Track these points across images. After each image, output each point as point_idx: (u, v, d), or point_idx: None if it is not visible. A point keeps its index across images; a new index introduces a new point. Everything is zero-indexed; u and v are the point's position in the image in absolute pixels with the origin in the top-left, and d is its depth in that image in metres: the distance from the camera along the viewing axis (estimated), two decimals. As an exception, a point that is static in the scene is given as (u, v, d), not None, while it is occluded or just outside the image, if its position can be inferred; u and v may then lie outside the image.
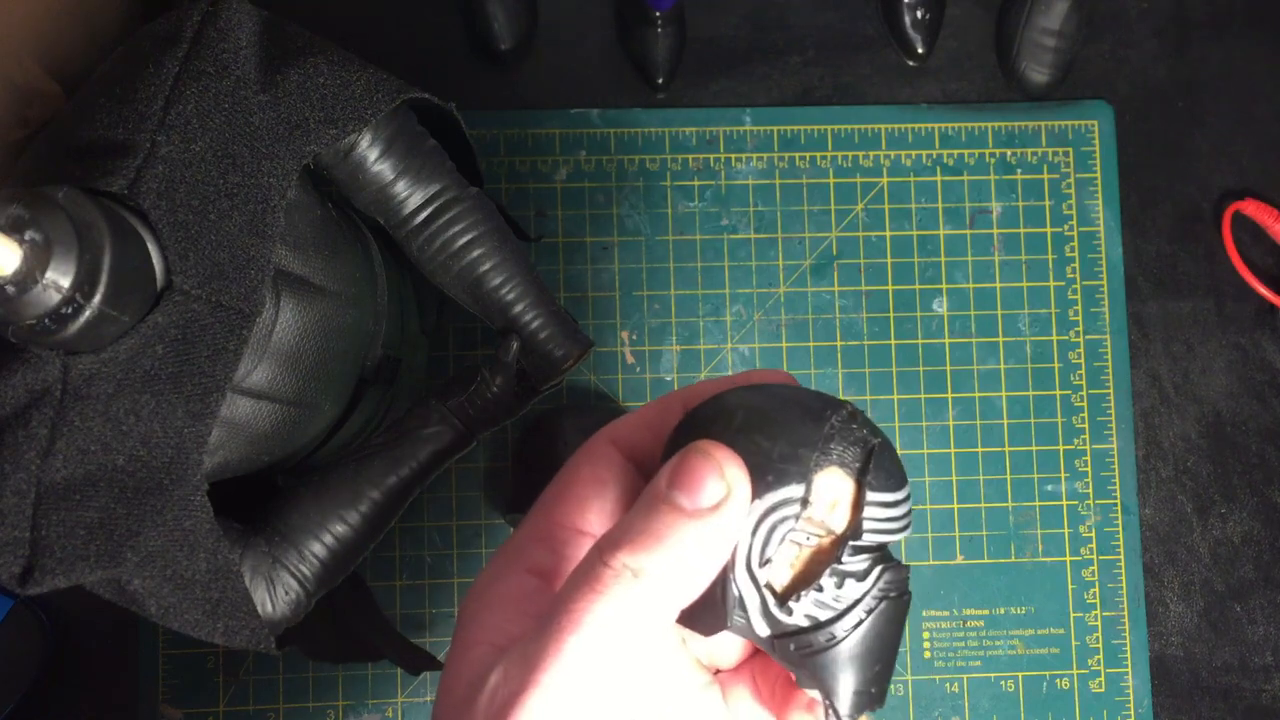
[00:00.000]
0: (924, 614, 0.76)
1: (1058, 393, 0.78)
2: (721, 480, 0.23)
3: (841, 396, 0.76)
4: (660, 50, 0.77)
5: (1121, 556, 0.77)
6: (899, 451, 0.76)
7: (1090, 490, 0.77)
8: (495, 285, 0.57)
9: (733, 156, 0.78)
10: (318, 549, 0.53)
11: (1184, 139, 0.80)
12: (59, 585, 0.42)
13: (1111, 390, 0.78)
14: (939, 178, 0.79)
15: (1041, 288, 0.78)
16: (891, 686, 0.75)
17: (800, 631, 0.24)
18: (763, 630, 0.24)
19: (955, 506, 0.77)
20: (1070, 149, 0.80)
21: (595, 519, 0.26)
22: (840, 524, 0.24)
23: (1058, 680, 0.76)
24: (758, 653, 0.28)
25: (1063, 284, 0.78)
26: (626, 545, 0.22)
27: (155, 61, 0.46)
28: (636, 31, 0.77)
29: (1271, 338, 0.79)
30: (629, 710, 0.23)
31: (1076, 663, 0.76)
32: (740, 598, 0.24)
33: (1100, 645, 0.76)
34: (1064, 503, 0.77)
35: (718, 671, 0.28)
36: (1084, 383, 0.78)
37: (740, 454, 0.23)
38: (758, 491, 0.23)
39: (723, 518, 0.23)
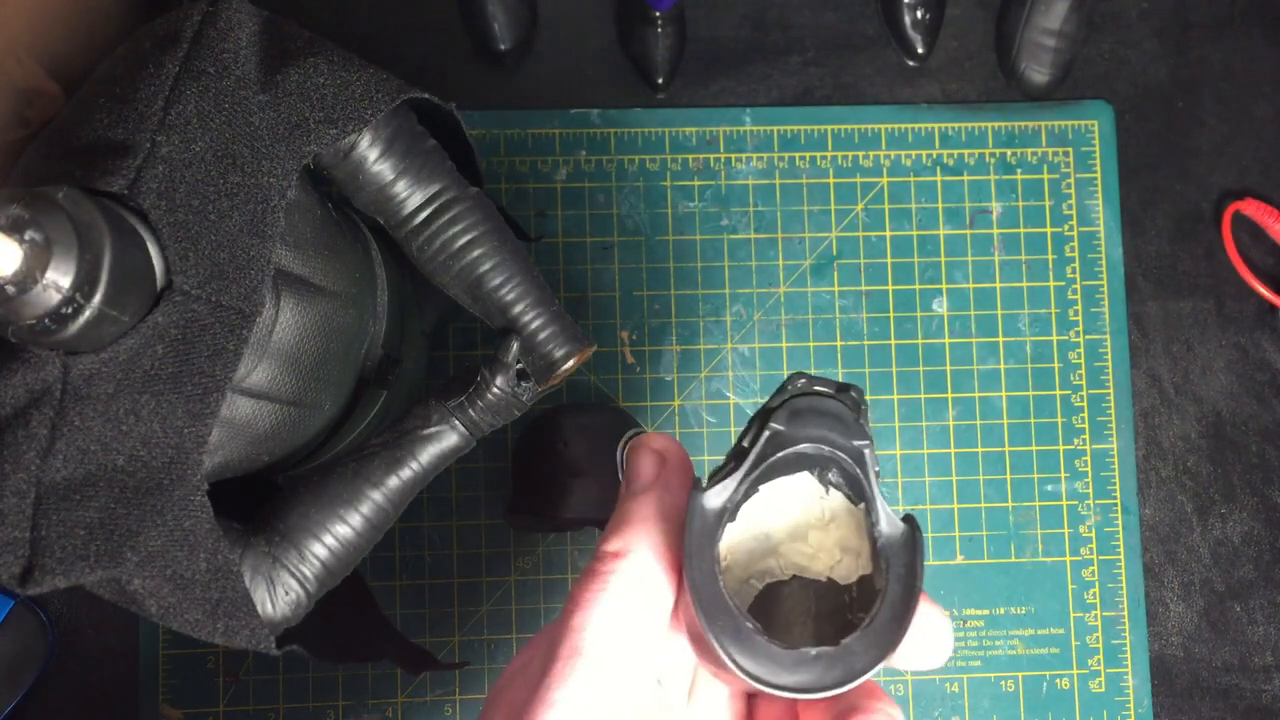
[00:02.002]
0: (924, 614, 0.76)
1: (1058, 393, 0.78)
2: (653, 454, 0.28)
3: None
4: (660, 50, 0.77)
5: (1121, 556, 0.77)
6: (898, 452, 0.76)
7: (1090, 490, 0.77)
8: (495, 285, 0.57)
9: (733, 156, 0.78)
10: (318, 549, 0.53)
11: (1184, 139, 0.80)
12: (59, 585, 0.42)
13: (1111, 390, 0.78)
14: (939, 178, 0.79)
15: (1041, 288, 0.78)
16: (891, 686, 0.75)
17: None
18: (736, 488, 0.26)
19: (955, 506, 0.77)
20: (1070, 149, 0.80)
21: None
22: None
23: (1058, 680, 0.76)
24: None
25: (1063, 284, 0.79)
26: (607, 539, 0.27)
27: (155, 61, 0.46)
28: (636, 31, 0.77)
29: (1271, 338, 0.79)
30: (642, 677, 0.26)
31: (1076, 663, 0.76)
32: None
33: (1100, 645, 0.76)
34: (1064, 503, 0.77)
35: None
36: (1084, 383, 0.78)
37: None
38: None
39: (666, 478, 0.28)
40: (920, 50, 0.79)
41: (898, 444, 0.77)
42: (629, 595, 0.26)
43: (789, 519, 0.28)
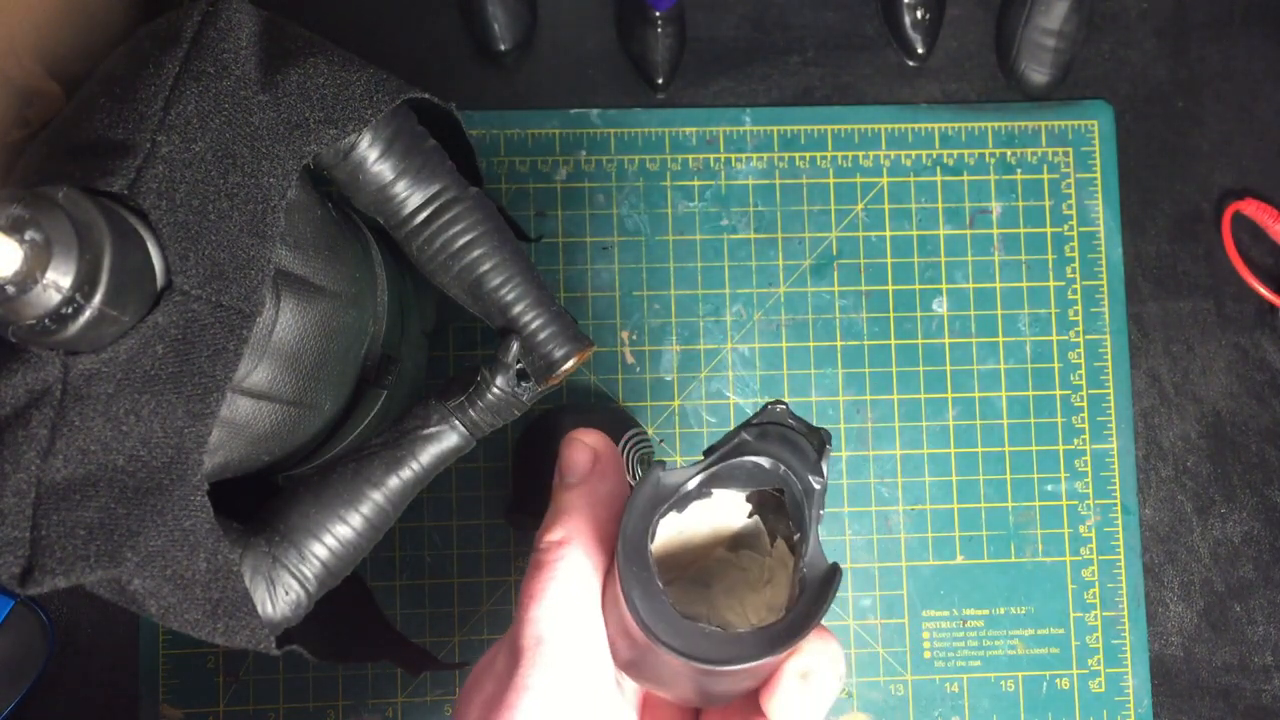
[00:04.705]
0: (924, 614, 0.76)
1: (1058, 393, 0.78)
2: (588, 447, 0.31)
3: (841, 396, 0.77)
4: (660, 50, 0.77)
5: (1121, 556, 0.77)
6: (899, 452, 0.76)
7: (1090, 490, 0.77)
8: (495, 285, 0.57)
9: (733, 156, 0.78)
10: (318, 549, 0.53)
11: (1184, 139, 0.81)
12: (59, 585, 0.42)
13: (1111, 390, 0.78)
14: (939, 178, 0.79)
15: (1041, 288, 0.78)
16: (891, 686, 0.75)
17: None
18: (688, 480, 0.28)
19: (955, 506, 0.77)
20: (1070, 149, 0.80)
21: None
22: None
23: (1058, 680, 0.76)
24: None
25: (1063, 284, 0.79)
26: (548, 529, 0.29)
27: (155, 61, 0.46)
28: (636, 31, 0.77)
29: (1271, 338, 0.79)
30: (600, 656, 0.28)
31: (1076, 663, 0.76)
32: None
33: (1100, 645, 0.76)
34: (1064, 503, 0.77)
35: None
36: (1084, 383, 0.78)
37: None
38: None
39: (600, 469, 0.30)
40: (920, 50, 0.79)
41: (898, 444, 0.77)
42: (577, 581, 0.28)
43: (731, 577, 0.30)
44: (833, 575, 0.27)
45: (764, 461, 0.28)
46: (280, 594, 0.52)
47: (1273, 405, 0.79)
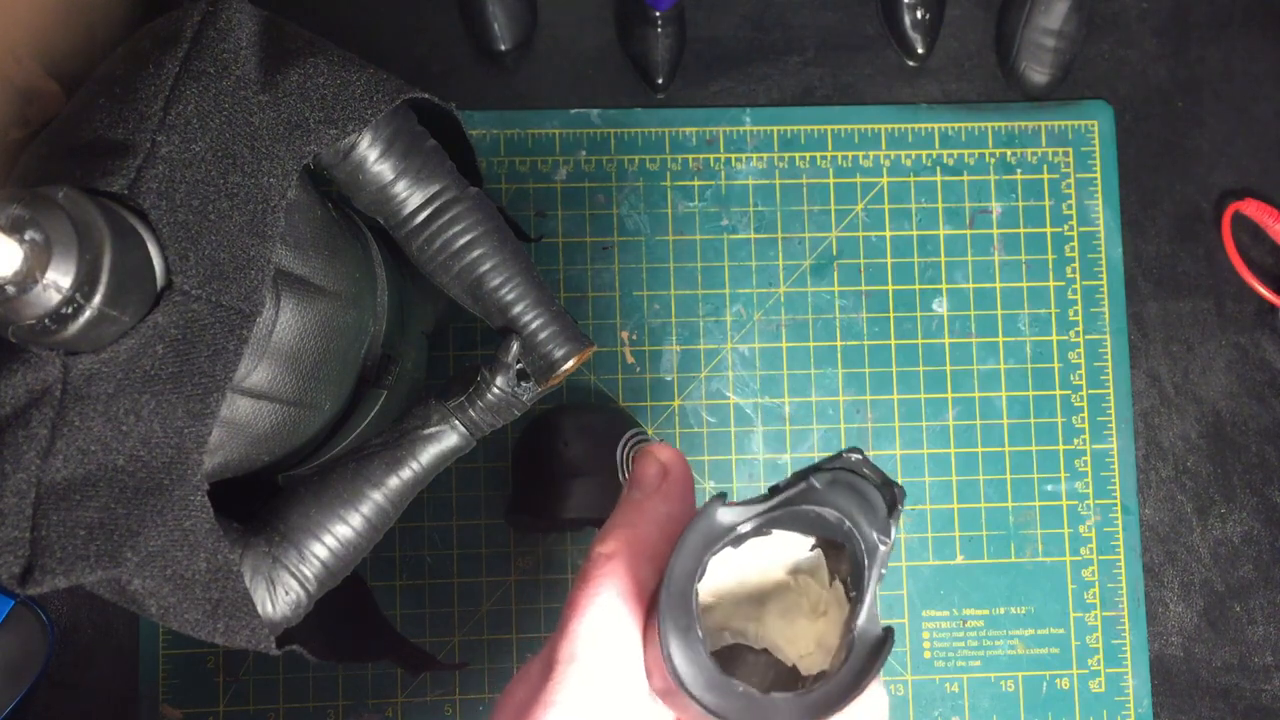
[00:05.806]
0: (924, 614, 0.76)
1: (1058, 393, 0.78)
2: (658, 463, 0.30)
3: (841, 396, 0.77)
4: (660, 50, 0.77)
5: (1121, 556, 0.77)
6: (899, 452, 0.76)
7: (1090, 490, 0.77)
8: (495, 285, 0.57)
9: (733, 156, 0.78)
10: (319, 549, 0.53)
11: (1184, 139, 0.80)
12: (59, 585, 0.42)
13: (1111, 390, 0.78)
14: (939, 178, 0.79)
15: (1041, 288, 0.78)
16: (891, 686, 0.75)
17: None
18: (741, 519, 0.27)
19: (955, 506, 0.77)
20: (1070, 149, 0.80)
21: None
22: None
23: (1058, 680, 0.76)
24: None
25: (1063, 284, 0.79)
26: (603, 539, 0.28)
27: (155, 61, 0.46)
28: (636, 31, 0.77)
29: (1271, 338, 0.79)
30: (635, 679, 0.27)
31: (1076, 663, 0.76)
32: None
33: (1100, 645, 0.76)
34: (1064, 503, 0.77)
35: None
36: (1084, 383, 0.78)
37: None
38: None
39: (666, 489, 0.29)
40: (920, 50, 0.79)
41: (898, 444, 0.77)
42: (619, 600, 0.27)
43: (787, 600, 0.29)
44: (883, 644, 0.25)
45: (828, 514, 0.26)
46: (280, 594, 0.52)
47: (1273, 405, 0.79)
